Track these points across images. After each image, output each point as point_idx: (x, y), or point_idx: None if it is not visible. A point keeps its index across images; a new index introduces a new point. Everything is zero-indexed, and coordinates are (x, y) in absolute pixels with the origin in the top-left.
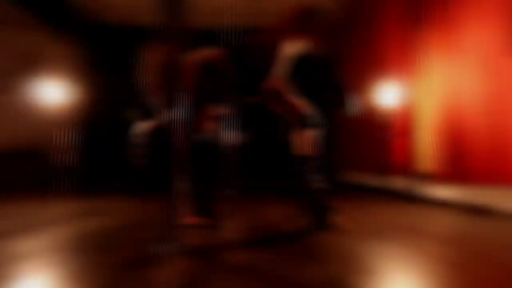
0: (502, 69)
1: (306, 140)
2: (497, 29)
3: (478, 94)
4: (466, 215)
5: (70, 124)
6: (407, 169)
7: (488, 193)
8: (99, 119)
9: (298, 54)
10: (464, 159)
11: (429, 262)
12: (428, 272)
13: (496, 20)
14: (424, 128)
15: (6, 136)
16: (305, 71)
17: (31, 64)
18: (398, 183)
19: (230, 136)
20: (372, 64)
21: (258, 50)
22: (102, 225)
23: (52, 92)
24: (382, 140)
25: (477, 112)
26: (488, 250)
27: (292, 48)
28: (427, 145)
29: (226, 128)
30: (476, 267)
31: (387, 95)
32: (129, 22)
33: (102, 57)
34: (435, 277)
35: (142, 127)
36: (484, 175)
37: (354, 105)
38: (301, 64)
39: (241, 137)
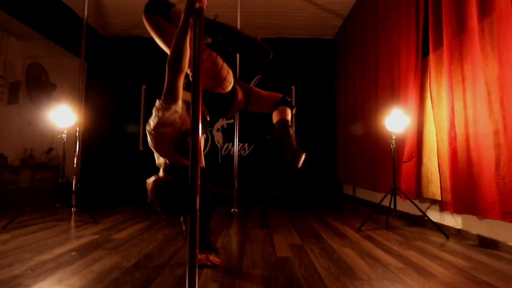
0: (509, 103)
1: None
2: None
3: (485, 126)
4: (472, 248)
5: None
6: (414, 194)
7: (497, 226)
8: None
9: None
10: (472, 191)
11: None
12: None
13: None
14: (433, 154)
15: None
16: None
17: (40, 76)
18: (406, 206)
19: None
20: (382, 91)
21: None
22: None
23: (60, 107)
24: (390, 164)
25: (484, 143)
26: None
27: None
28: (435, 171)
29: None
30: None
31: (397, 120)
32: (136, 33)
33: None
34: None
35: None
36: (491, 209)
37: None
38: None
39: None
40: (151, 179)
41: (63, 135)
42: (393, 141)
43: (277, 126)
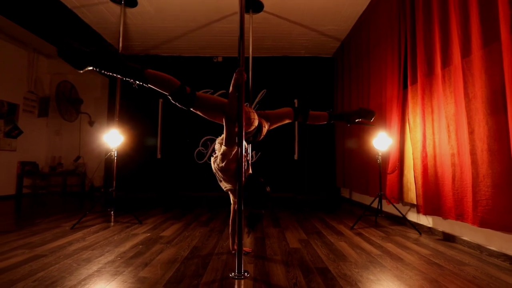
0: (461, 135)
1: None
2: (469, 97)
3: (445, 149)
4: (438, 241)
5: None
6: (396, 199)
7: (455, 224)
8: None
9: None
10: (437, 198)
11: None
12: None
13: (469, 90)
14: (410, 168)
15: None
16: None
17: (70, 92)
18: (390, 208)
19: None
20: (374, 107)
21: None
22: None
23: (111, 130)
24: (377, 174)
25: (445, 162)
26: (438, 279)
27: None
28: (412, 182)
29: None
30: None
31: (382, 141)
32: (161, 52)
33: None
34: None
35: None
36: (449, 212)
37: None
38: None
39: None
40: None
41: (113, 152)
42: (379, 157)
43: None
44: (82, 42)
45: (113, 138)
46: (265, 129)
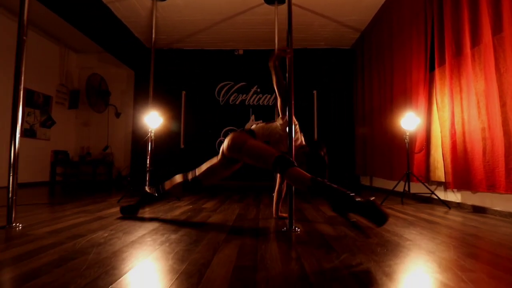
0: (492, 109)
1: None
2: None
3: (475, 125)
4: (468, 213)
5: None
6: (423, 177)
7: (485, 197)
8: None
9: None
10: (467, 172)
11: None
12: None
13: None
14: (439, 146)
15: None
16: None
17: (100, 85)
18: (421, 187)
19: None
20: (397, 97)
21: None
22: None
23: (152, 112)
24: (405, 155)
25: (475, 137)
26: (478, 234)
27: None
28: (441, 160)
29: None
30: (469, 243)
31: (410, 121)
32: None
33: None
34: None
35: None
36: (480, 184)
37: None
38: None
39: None
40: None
41: (151, 134)
42: (407, 136)
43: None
44: (112, 36)
45: (152, 120)
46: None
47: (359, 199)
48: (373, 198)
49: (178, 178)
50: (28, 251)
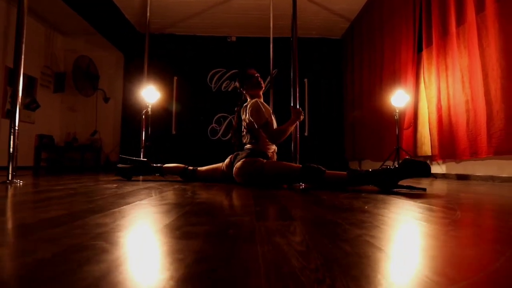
0: (475, 82)
1: None
2: (478, 56)
3: (460, 98)
4: (452, 181)
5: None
6: (412, 152)
7: (467, 165)
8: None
9: None
10: (452, 143)
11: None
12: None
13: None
14: (425, 123)
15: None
16: None
17: (88, 67)
18: None
19: None
20: (386, 78)
21: None
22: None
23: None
24: (394, 132)
25: (459, 110)
26: (464, 197)
27: None
28: (427, 135)
29: None
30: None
31: (400, 98)
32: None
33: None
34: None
35: None
36: (464, 153)
37: None
38: None
39: None
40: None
41: (148, 109)
42: (397, 113)
43: None
44: (102, 16)
45: (149, 94)
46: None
47: (395, 166)
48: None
49: (179, 165)
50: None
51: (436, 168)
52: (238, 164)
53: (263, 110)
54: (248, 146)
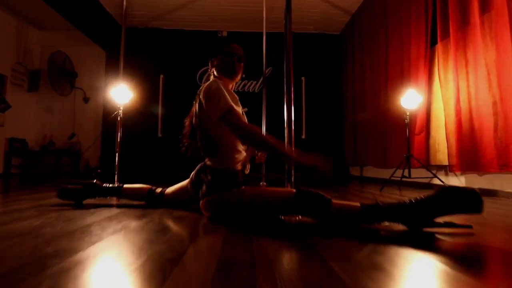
0: (504, 80)
1: None
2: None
3: (485, 99)
4: None
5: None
6: (424, 161)
7: (494, 178)
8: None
9: None
10: (474, 152)
11: None
12: None
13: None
14: (440, 127)
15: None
16: None
17: (64, 64)
18: (419, 173)
19: None
20: (392, 78)
21: None
22: None
23: (119, 85)
24: (403, 138)
25: (484, 112)
26: (490, 218)
27: None
28: (443, 141)
29: None
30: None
31: (411, 99)
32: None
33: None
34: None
35: None
36: (491, 164)
37: None
38: None
39: None
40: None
41: (119, 111)
42: (407, 116)
43: None
44: (81, 8)
45: (120, 94)
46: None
47: (429, 196)
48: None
49: (144, 186)
50: None
51: (453, 180)
52: (203, 202)
53: (224, 93)
54: (207, 162)
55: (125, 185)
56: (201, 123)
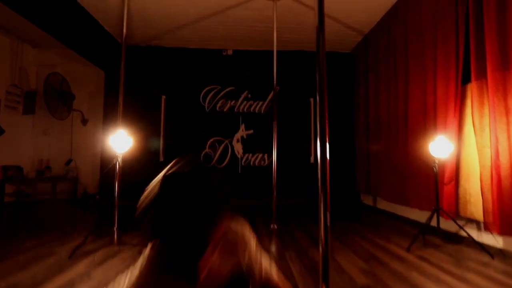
0: None
1: None
2: None
3: None
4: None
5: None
6: (453, 213)
7: None
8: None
9: None
10: None
11: None
12: None
13: None
14: (471, 176)
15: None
16: None
17: (61, 86)
18: (446, 224)
19: None
20: (415, 106)
21: None
22: None
23: (119, 131)
24: (430, 184)
25: None
26: None
27: None
28: (475, 193)
29: None
30: None
31: (441, 146)
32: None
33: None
34: None
35: None
36: None
37: None
38: None
39: None
40: None
41: (118, 160)
42: (436, 165)
43: None
44: (77, 28)
45: (119, 142)
46: None
47: None
48: None
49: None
50: None
51: (489, 239)
52: None
53: None
54: None
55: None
56: None
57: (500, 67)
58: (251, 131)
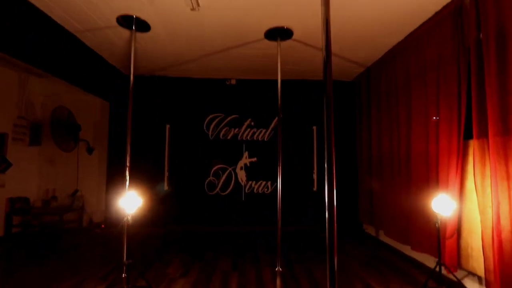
0: None
1: None
2: None
3: None
4: None
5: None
6: (455, 266)
7: None
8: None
9: None
10: None
11: None
12: None
13: None
14: (473, 231)
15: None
16: None
17: (67, 119)
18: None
19: None
20: (419, 161)
21: None
22: None
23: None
24: (432, 234)
25: None
26: None
27: None
28: (476, 247)
29: None
30: None
31: (443, 204)
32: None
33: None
34: None
35: None
36: None
37: None
38: None
39: None
40: None
41: (128, 218)
42: (439, 221)
43: None
44: (82, 66)
45: (129, 202)
46: None
47: None
48: None
49: None
50: None
51: None
52: None
53: None
54: None
55: None
56: None
57: (501, 132)
58: (254, 159)
